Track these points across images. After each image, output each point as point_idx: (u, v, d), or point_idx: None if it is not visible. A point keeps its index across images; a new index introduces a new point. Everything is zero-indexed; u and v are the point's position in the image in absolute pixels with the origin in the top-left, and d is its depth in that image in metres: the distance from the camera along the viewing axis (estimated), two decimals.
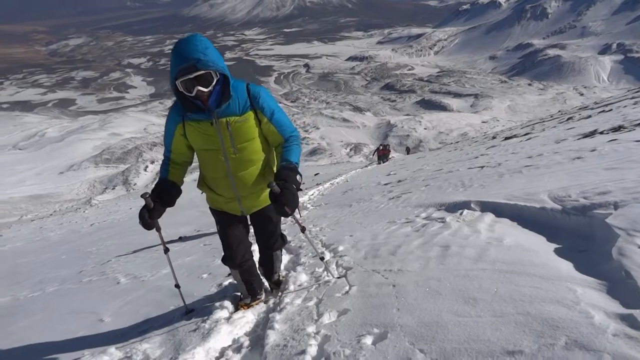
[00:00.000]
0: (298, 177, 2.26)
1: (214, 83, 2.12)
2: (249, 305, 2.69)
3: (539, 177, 4.15)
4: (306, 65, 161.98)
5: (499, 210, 3.24)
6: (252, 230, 2.74)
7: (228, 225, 2.54)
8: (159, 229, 2.47)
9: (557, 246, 2.35)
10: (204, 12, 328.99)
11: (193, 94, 2.09)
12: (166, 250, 2.70)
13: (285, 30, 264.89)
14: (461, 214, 3.44)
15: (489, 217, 3.15)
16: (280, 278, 2.96)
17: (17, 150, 64.07)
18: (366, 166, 21.63)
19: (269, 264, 2.84)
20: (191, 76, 2.03)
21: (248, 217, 2.63)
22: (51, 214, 30.64)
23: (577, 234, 2.44)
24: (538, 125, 15.14)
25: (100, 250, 7.80)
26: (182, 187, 2.49)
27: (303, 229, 2.53)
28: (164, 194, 2.38)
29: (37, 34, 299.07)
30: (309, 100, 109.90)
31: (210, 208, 2.61)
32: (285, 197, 2.14)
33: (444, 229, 3.08)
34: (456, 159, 10.02)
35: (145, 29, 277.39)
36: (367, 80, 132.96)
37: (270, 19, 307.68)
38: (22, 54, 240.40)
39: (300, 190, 2.33)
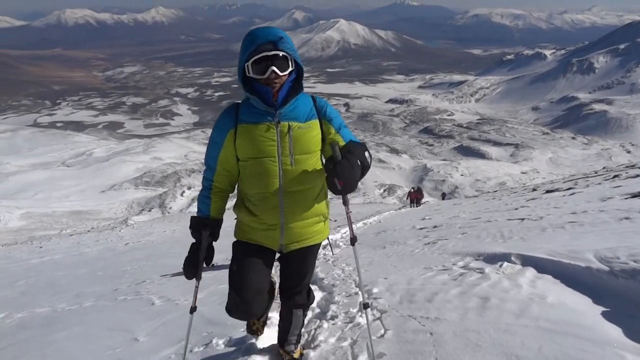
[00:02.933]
0: (367, 154, 2.02)
1: (288, 72, 1.95)
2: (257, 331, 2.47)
3: (584, 235, 4.03)
4: (346, 105, 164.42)
5: (541, 265, 3.16)
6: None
7: (249, 264, 2.08)
8: (199, 279, 2.15)
9: (604, 309, 2.27)
10: None
11: (266, 75, 1.89)
12: (193, 310, 2.28)
13: (329, 69, 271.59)
14: (501, 266, 3.37)
15: (531, 272, 3.08)
16: (294, 355, 2.36)
17: (65, 167, 67.26)
18: (400, 208, 21.40)
19: (286, 323, 2.35)
20: (270, 53, 1.87)
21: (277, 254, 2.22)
22: (89, 230, 31.69)
23: (626, 298, 2.35)
24: (581, 180, 14.69)
25: (135, 270, 8.00)
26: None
27: (354, 240, 2.18)
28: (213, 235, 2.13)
29: (96, 60, 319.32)
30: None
31: (235, 242, 2.18)
32: (343, 167, 1.88)
33: (483, 280, 3.03)
34: (494, 208, 9.82)
35: (196, 62, 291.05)
36: (405, 122, 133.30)
37: (315, 58, 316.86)
38: (81, 77, 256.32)
39: (365, 171, 2.02)
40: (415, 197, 22.12)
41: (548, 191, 12.15)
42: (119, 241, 16.76)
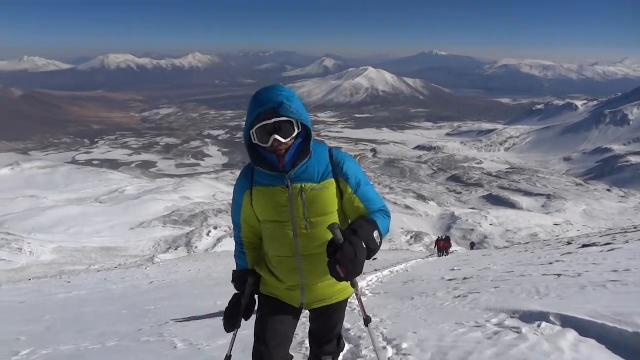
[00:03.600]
0: (376, 234, 1.82)
1: (294, 135, 1.87)
2: None
3: (629, 295, 3.81)
4: (373, 150, 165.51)
5: (582, 328, 2.97)
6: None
7: (273, 316, 2.06)
8: (239, 327, 2.11)
9: None
10: None
11: (269, 144, 1.85)
12: (228, 359, 2.18)
13: (357, 115, 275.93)
14: (539, 326, 3.19)
15: (572, 334, 2.90)
16: None
17: (98, 203, 69.29)
18: (427, 257, 20.93)
19: None
20: (270, 122, 1.81)
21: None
22: (116, 267, 32.08)
23: None
24: (620, 235, 14.06)
25: (159, 310, 7.97)
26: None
27: (367, 321, 2.02)
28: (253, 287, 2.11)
29: (135, 102, 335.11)
30: (373, 184, 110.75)
31: (259, 294, 2.18)
32: (345, 252, 1.70)
33: (520, 341, 2.86)
34: (528, 261, 9.45)
35: (228, 105, 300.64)
36: (433, 169, 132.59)
37: (343, 104, 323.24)
38: (119, 118, 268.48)
39: (375, 258, 2.10)
40: (443, 246, 21.79)
41: (584, 245, 11.66)
42: (144, 279, 16.84)
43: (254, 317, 2.16)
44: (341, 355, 2.99)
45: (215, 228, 55.15)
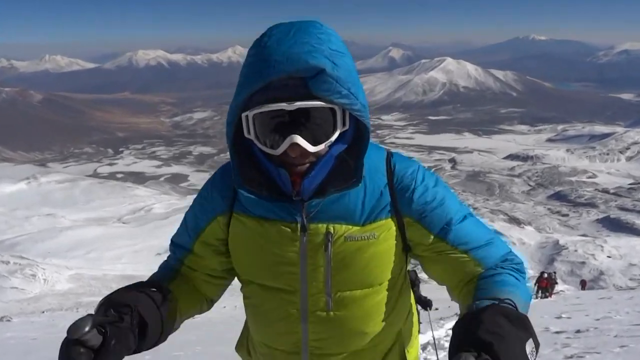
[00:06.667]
0: (529, 349, 0.97)
1: (333, 138, 1.20)
2: None
3: None
4: (452, 161, 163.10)
5: None
6: None
7: None
8: None
9: None
10: None
11: (279, 151, 1.18)
12: None
13: (431, 117, 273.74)
14: None
15: None
16: None
17: (121, 223, 72.83)
18: None
19: None
20: (288, 107, 1.12)
21: None
22: None
23: None
24: None
25: (189, 357, 8.07)
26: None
27: None
28: (144, 315, 1.16)
29: (164, 105, 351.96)
30: (473, 212, 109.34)
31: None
32: None
33: None
34: None
35: None
36: (530, 185, 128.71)
37: (414, 104, 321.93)
38: (146, 124, 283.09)
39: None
40: (545, 284, 21.88)
41: None
42: None
43: None
44: None
45: None
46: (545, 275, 22.94)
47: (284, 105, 1.11)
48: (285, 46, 1.12)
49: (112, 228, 68.47)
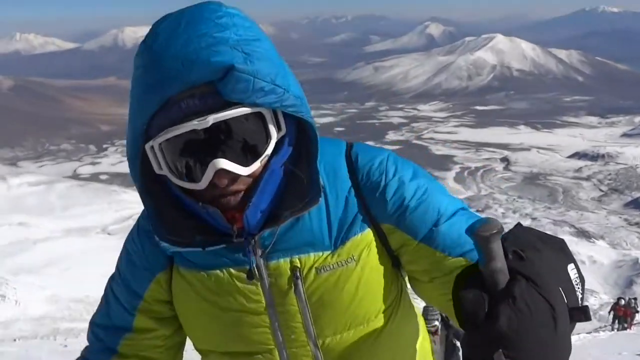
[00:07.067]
0: (566, 257, 0.90)
1: (268, 151, 1.10)
2: None
3: None
4: (505, 160, 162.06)
5: None
6: None
7: None
8: None
9: None
10: (365, 76, 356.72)
11: (203, 184, 1.08)
12: None
13: (478, 107, 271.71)
14: None
15: None
16: None
17: (106, 234, 73.59)
18: (598, 330, 20.34)
19: None
20: (202, 125, 1.02)
21: None
22: None
23: None
24: None
25: None
26: None
27: None
28: None
29: None
30: (504, 212, 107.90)
31: None
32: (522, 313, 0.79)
33: None
34: None
35: None
36: (601, 190, 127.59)
37: (457, 91, 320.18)
38: None
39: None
40: (623, 313, 21.91)
41: None
42: None
43: None
44: None
45: None
46: (623, 302, 22.75)
47: (194, 124, 1.01)
48: (177, 46, 1.02)
49: (95, 240, 69.09)
